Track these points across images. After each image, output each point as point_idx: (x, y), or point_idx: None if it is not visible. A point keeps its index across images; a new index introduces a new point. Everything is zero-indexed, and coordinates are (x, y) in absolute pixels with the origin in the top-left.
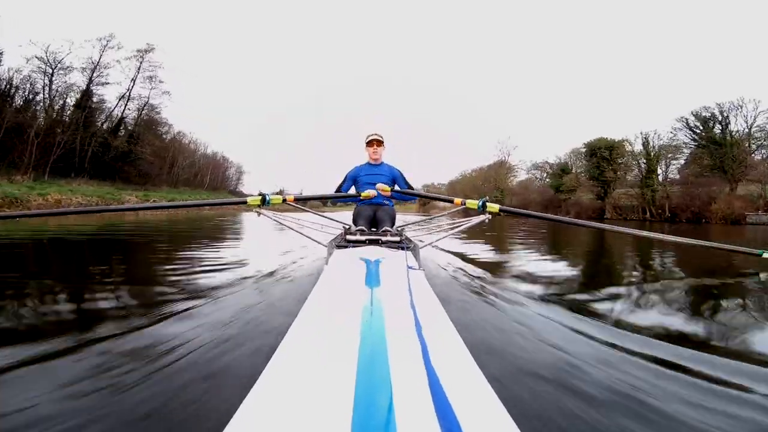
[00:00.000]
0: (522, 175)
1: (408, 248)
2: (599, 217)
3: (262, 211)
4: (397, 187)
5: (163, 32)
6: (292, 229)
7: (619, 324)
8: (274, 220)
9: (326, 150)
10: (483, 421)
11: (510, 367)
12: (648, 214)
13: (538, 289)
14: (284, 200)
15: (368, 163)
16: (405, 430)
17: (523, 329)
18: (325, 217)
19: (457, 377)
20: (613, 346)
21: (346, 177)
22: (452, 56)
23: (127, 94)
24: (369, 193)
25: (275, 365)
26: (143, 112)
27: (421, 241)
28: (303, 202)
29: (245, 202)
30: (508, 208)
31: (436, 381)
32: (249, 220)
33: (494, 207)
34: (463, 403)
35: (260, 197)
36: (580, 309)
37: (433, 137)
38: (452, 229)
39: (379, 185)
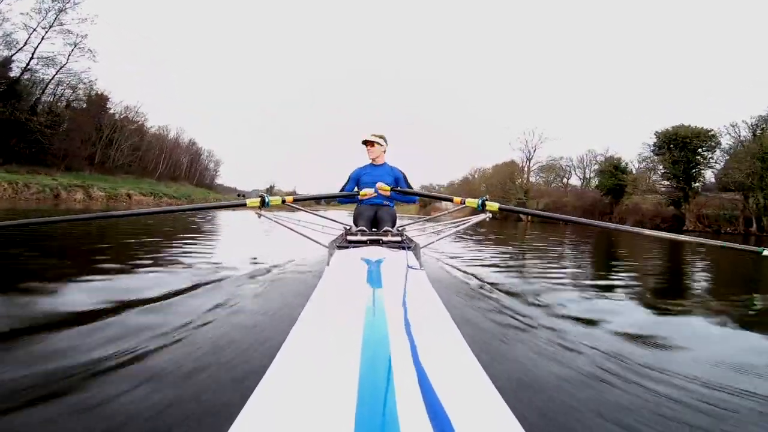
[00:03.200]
0: (533, 176)
1: (409, 248)
2: (673, 228)
3: (263, 212)
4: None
5: (157, 26)
6: (292, 230)
7: (638, 337)
8: (275, 221)
9: (320, 144)
10: (481, 419)
11: (515, 366)
12: (754, 226)
13: (537, 285)
14: (283, 201)
15: (370, 164)
16: (408, 429)
17: (529, 326)
18: (326, 218)
19: (460, 376)
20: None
21: (349, 178)
22: (441, 49)
23: (32, 50)
24: (367, 191)
25: (278, 365)
26: (56, 75)
27: (422, 240)
28: (302, 202)
29: (244, 204)
30: (507, 207)
31: (439, 380)
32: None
33: (494, 206)
34: (464, 403)
35: (260, 199)
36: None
37: (425, 133)
38: (453, 228)
39: (379, 184)
